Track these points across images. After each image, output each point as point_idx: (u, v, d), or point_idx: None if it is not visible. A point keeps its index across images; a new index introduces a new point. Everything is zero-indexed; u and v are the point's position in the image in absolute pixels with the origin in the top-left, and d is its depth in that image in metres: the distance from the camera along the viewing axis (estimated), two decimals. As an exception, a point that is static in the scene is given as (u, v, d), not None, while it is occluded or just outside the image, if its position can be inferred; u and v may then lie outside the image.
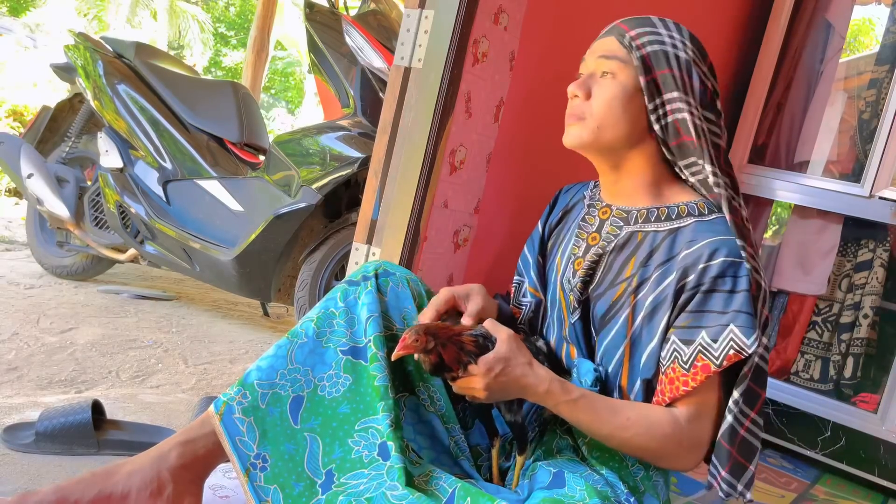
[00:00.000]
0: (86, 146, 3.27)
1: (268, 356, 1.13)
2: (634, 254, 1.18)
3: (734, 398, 1.07)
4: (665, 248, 1.14)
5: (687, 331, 1.09)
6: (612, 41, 1.17)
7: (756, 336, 1.04)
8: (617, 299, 1.17)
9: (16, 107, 6.90)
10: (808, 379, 2.51)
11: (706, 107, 1.15)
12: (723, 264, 1.08)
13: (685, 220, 1.15)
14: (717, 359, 1.06)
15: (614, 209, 1.23)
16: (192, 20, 15.70)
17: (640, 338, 1.14)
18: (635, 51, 1.14)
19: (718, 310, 1.07)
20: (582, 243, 1.25)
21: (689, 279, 1.09)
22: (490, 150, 1.66)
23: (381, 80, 2.54)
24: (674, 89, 1.13)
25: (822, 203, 2.47)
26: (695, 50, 1.17)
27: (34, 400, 1.80)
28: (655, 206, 1.18)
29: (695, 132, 1.13)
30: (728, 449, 1.08)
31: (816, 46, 2.61)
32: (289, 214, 2.52)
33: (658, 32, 1.16)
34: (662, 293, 1.12)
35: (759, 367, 1.09)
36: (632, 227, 1.19)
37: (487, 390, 1.04)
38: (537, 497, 1.00)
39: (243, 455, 1.06)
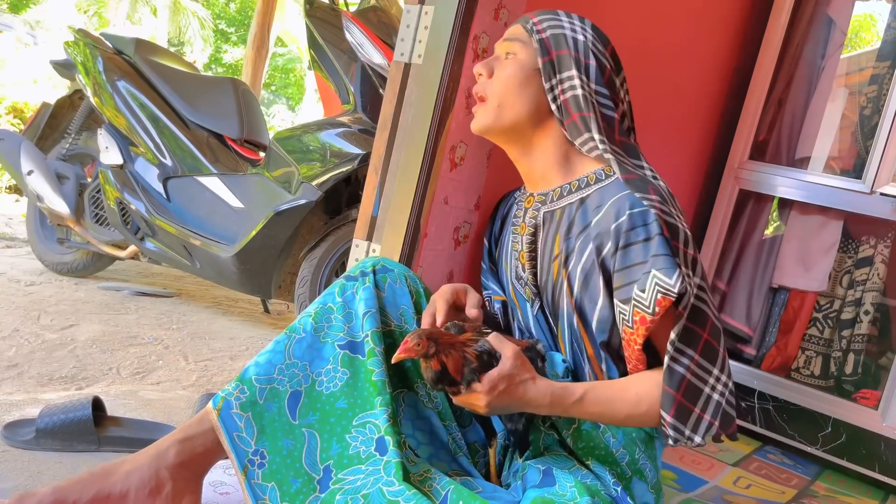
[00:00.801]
0: (86, 143, 3.27)
1: (266, 352, 1.13)
2: (557, 231, 1.21)
3: (670, 339, 1.07)
4: (579, 217, 1.18)
5: (622, 290, 1.10)
6: (518, 27, 1.25)
7: (678, 274, 1.04)
8: (556, 279, 1.20)
9: (16, 103, 6.90)
10: (809, 375, 2.51)
11: (600, 83, 1.20)
12: (630, 217, 1.09)
13: (591, 188, 1.19)
14: (649, 307, 1.06)
15: (535, 195, 1.27)
16: (192, 17, 15.69)
17: (584, 306, 1.16)
18: (535, 34, 1.21)
19: (640, 261, 1.08)
20: (518, 237, 1.29)
21: (608, 245, 1.11)
22: (490, 147, 1.65)
23: (381, 77, 2.54)
24: (568, 69, 1.19)
25: (823, 199, 2.46)
26: (595, 36, 1.23)
27: (34, 397, 1.80)
28: (567, 182, 1.22)
29: (585, 104, 1.17)
30: (670, 392, 1.07)
31: (817, 42, 2.60)
32: (289, 211, 2.52)
33: (560, 20, 1.23)
34: (588, 260, 1.14)
35: (696, 307, 1.08)
36: (548, 206, 1.23)
37: (489, 407, 1.04)
38: (529, 497, 1.00)
39: (241, 451, 1.06)
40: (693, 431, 1.08)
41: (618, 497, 1.10)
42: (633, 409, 1.09)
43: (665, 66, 2.14)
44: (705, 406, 1.08)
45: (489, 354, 1.05)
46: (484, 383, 1.02)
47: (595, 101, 1.19)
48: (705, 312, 1.09)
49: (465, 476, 1.11)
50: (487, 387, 1.02)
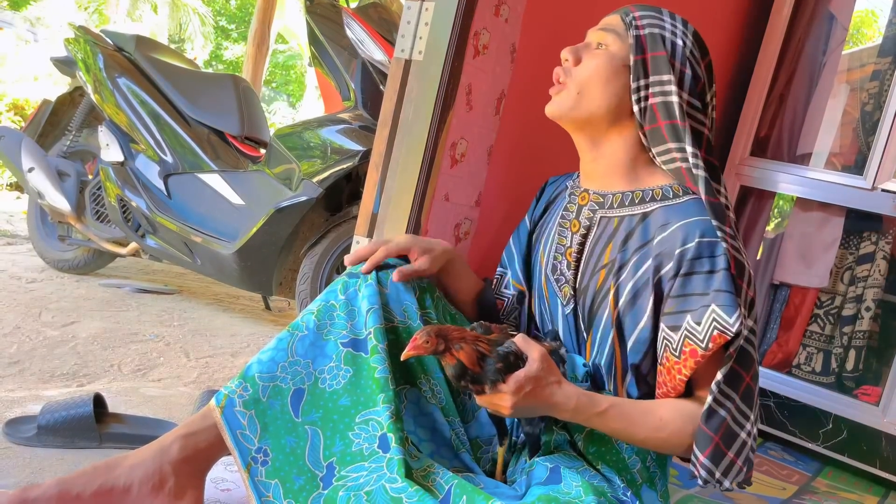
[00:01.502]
0: (86, 140, 3.27)
1: (269, 349, 1.13)
2: (612, 239, 1.18)
3: (716, 379, 1.05)
4: (640, 232, 1.14)
5: (673, 317, 1.08)
6: (616, 17, 1.19)
7: (738, 314, 1.02)
8: (600, 286, 1.17)
9: (16, 100, 6.90)
10: (810, 371, 2.51)
11: (693, 95, 1.15)
12: (698, 246, 1.07)
13: (656, 204, 1.15)
14: (703, 341, 1.05)
15: (591, 193, 1.23)
16: (192, 13, 15.67)
17: (625, 323, 1.14)
18: (633, 29, 1.16)
19: (699, 291, 1.06)
20: (567, 233, 1.25)
21: (667, 267, 1.09)
22: (491, 143, 1.65)
23: (381, 73, 2.54)
24: (663, 73, 1.14)
25: (825, 195, 2.46)
26: (695, 44, 1.17)
27: (36, 393, 1.81)
28: (630, 190, 1.19)
29: (679, 113, 1.12)
30: (709, 434, 1.05)
31: (819, 38, 2.60)
32: (290, 208, 2.52)
33: (662, 20, 1.17)
34: (643, 277, 1.12)
35: (744, 350, 1.06)
36: (606, 211, 1.20)
37: (514, 408, 1.03)
38: (533, 493, 1.00)
39: (244, 449, 1.06)
40: (724, 475, 1.06)
41: (626, 502, 1.09)
42: (652, 433, 1.08)
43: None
44: (739, 451, 1.07)
45: (515, 356, 1.04)
46: (510, 384, 1.01)
47: (688, 112, 1.14)
48: (752, 356, 1.08)
49: (468, 472, 1.11)
50: (514, 387, 1.01)
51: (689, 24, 1.20)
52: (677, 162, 1.14)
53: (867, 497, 2.11)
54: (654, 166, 1.19)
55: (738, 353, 1.06)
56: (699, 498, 1.76)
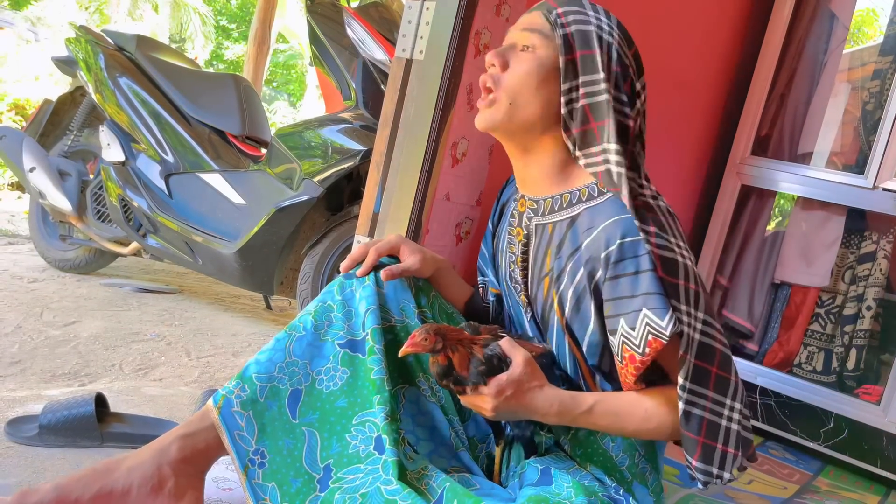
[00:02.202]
0: (88, 139, 3.27)
1: (266, 350, 1.13)
2: (549, 246, 1.16)
3: (679, 383, 1.03)
4: (570, 238, 1.12)
5: (611, 320, 1.07)
6: (538, 15, 1.14)
7: (671, 316, 0.99)
8: (546, 295, 1.17)
9: (18, 100, 6.90)
10: (811, 371, 2.51)
11: (621, 89, 1.11)
12: (620, 248, 1.04)
13: (582, 206, 1.12)
14: (639, 346, 1.02)
15: (527, 199, 1.21)
16: (193, 13, 15.66)
17: (575, 329, 1.13)
18: (559, 28, 1.11)
19: (628, 294, 1.03)
20: (514, 240, 1.25)
21: (599, 272, 1.06)
22: (492, 143, 1.65)
23: (382, 73, 2.54)
24: (593, 71, 1.09)
25: (826, 195, 2.46)
26: (621, 35, 1.13)
27: (38, 393, 1.81)
28: (559, 194, 1.16)
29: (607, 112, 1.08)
30: (692, 437, 1.04)
31: (820, 37, 2.59)
32: (291, 207, 2.52)
33: (586, 13, 1.13)
34: (579, 284, 1.10)
35: (702, 344, 1.03)
36: (541, 218, 1.18)
37: (495, 411, 1.03)
38: (524, 495, 1.00)
39: (242, 450, 1.06)
40: (721, 468, 1.05)
41: (619, 500, 1.09)
42: (641, 424, 1.07)
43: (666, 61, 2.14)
44: (727, 439, 1.05)
45: (499, 359, 1.04)
46: (491, 386, 1.01)
47: (615, 109, 1.09)
48: (712, 346, 1.05)
49: (465, 472, 1.11)
50: (494, 390, 1.01)
51: (611, 14, 1.16)
52: (601, 165, 1.09)
53: (868, 496, 2.10)
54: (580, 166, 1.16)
55: (698, 349, 1.03)
56: (700, 497, 1.76)
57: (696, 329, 1.03)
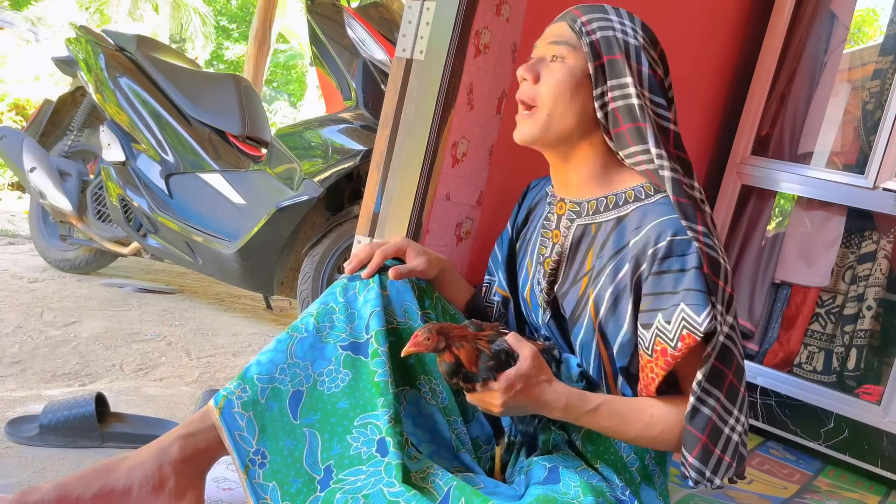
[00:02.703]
0: (88, 140, 3.27)
1: (268, 350, 1.13)
2: (591, 247, 1.17)
3: (697, 379, 1.04)
4: (615, 237, 1.13)
5: (646, 315, 1.08)
6: (564, 26, 1.17)
7: (708, 313, 1.01)
8: (582, 294, 1.17)
9: (18, 100, 6.90)
10: (812, 371, 2.51)
11: (654, 91, 1.14)
12: (670, 244, 1.05)
13: (629, 206, 1.14)
14: (672, 340, 1.04)
15: (567, 202, 1.22)
16: (193, 13, 15.67)
17: (608, 329, 1.14)
18: (585, 36, 1.13)
19: (670, 290, 1.05)
20: (548, 242, 1.25)
21: (643, 267, 1.08)
22: (492, 143, 1.65)
23: (382, 73, 2.54)
24: (620, 75, 1.12)
25: (826, 195, 2.46)
26: (645, 37, 1.16)
27: (38, 393, 1.81)
28: (604, 196, 1.18)
29: (641, 114, 1.10)
30: (695, 433, 1.05)
31: (820, 37, 2.59)
32: (291, 207, 2.52)
33: (609, 19, 1.15)
34: (621, 283, 1.11)
35: (725, 347, 1.05)
36: (584, 219, 1.19)
37: (504, 406, 1.03)
38: (532, 494, 1.00)
39: (242, 451, 1.06)
40: (713, 473, 1.06)
41: (625, 501, 1.09)
42: (643, 430, 1.08)
43: (667, 61, 2.14)
44: (725, 447, 1.06)
45: (507, 353, 1.04)
46: (501, 381, 1.01)
47: (651, 111, 1.12)
48: (732, 352, 1.07)
49: (467, 472, 1.11)
50: (504, 385, 1.01)
51: (634, 16, 1.18)
52: (643, 165, 1.12)
53: (869, 496, 2.10)
54: (625, 167, 1.18)
55: (720, 351, 1.05)
56: (700, 497, 1.76)
57: (723, 331, 1.05)
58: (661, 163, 1.09)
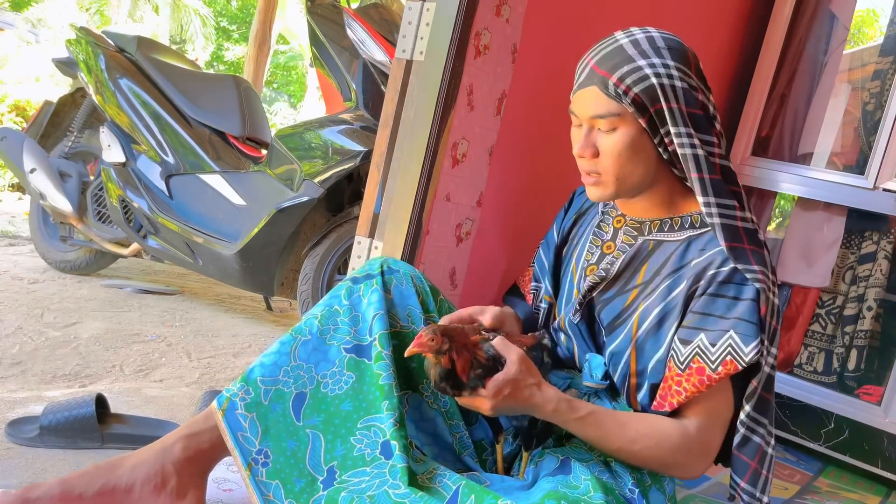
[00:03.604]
0: (88, 141, 3.27)
1: (271, 352, 1.13)
2: (646, 262, 1.19)
3: (746, 411, 1.09)
4: (677, 256, 1.16)
5: (687, 331, 1.10)
6: (597, 93, 1.12)
7: (756, 345, 1.05)
8: (627, 306, 1.19)
9: (18, 101, 6.90)
10: (812, 371, 2.51)
11: (701, 129, 1.12)
12: (731, 272, 1.09)
13: (695, 230, 1.16)
14: (713, 363, 1.06)
15: (628, 219, 1.25)
16: (193, 14, 15.68)
17: (645, 346, 1.15)
18: (624, 97, 1.10)
19: (720, 314, 1.08)
20: (596, 251, 1.27)
21: (699, 284, 1.11)
22: (492, 143, 1.65)
23: (382, 74, 2.54)
24: (665, 123, 1.11)
25: (826, 195, 2.46)
26: (678, 67, 1.12)
27: (38, 394, 1.81)
28: (669, 217, 1.20)
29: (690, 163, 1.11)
30: (746, 461, 1.10)
31: (820, 38, 2.59)
32: (291, 208, 2.53)
33: (638, 66, 1.10)
34: (672, 302, 1.13)
35: (770, 377, 1.11)
36: (645, 236, 1.21)
37: (493, 410, 1.04)
38: (542, 487, 1.00)
39: (245, 451, 1.06)
40: (762, 493, 1.12)
41: (633, 500, 1.09)
42: (626, 444, 1.09)
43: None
44: (770, 465, 1.13)
45: (494, 359, 1.05)
46: (489, 388, 1.02)
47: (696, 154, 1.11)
48: (773, 377, 1.13)
49: (471, 472, 1.11)
50: (492, 391, 1.02)
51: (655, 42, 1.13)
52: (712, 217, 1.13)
53: (869, 497, 2.10)
54: (689, 192, 1.19)
55: (766, 381, 1.10)
56: (701, 497, 1.76)
57: (767, 363, 1.09)
58: (710, 210, 1.11)
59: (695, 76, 1.14)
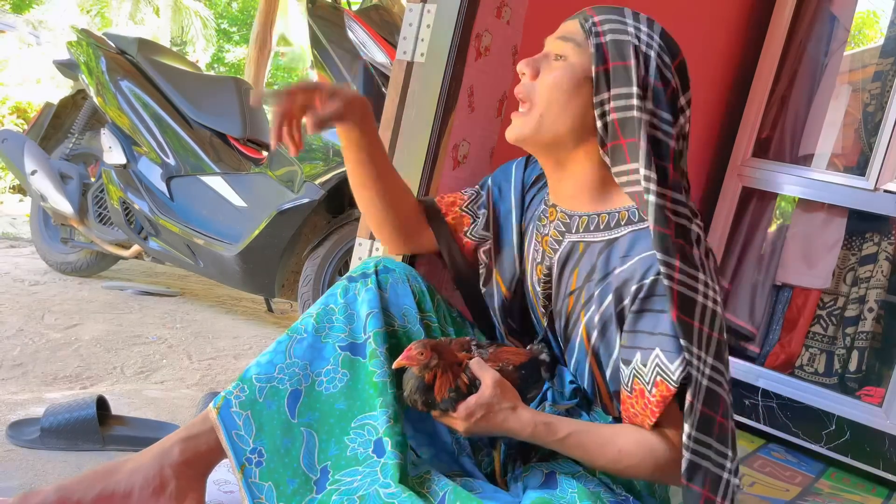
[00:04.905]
0: (89, 143, 3.28)
1: (267, 352, 1.13)
2: (577, 266, 1.12)
3: (686, 432, 0.97)
4: (602, 263, 1.08)
5: (626, 350, 1.04)
6: (575, 24, 1.09)
7: (680, 361, 0.97)
8: (570, 313, 1.13)
9: (19, 103, 6.92)
10: (813, 373, 2.51)
11: (660, 105, 1.04)
12: (653, 284, 1.00)
13: (621, 230, 1.07)
14: (648, 384, 1.01)
15: (559, 212, 1.16)
16: (194, 16, 15.68)
17: (600, 353, 1.10)
18: (594, 37, 1.06)
19: (648, 330, 1.01)
20: (539, 247, 1.20)
21: (625, 301, 1.04)
22: (493, 145, 1.65)
23: (383, 75, 2.54)
24: (625, 84, 1.04)
25: (827, 196, 2.46)
26: (662, 45, 1.06)
27: (39, 396, 1.81)
28: (596, 213, 1.11)
29: (639, 129, 1.02)
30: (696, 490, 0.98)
31: (821, 39, 2.59)
32: (292, 210, 2.53)
33: (624, 22, 1.07)
34: (608, 310, 1.06)
35: (710, 391, 0.99)
36: (573, 235, 1.13)
37: (467, 432, 1.03)
38: (529, 497, 0.99)
39: (239, 449, 1.06)
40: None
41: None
42: (610, 463, 1.05)
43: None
44: (725, 493, 1.00)
45: (469, 382, 1.04)
46: (460, 410, 1.01)
47: (649, 126, 1.03)
48: (718, 394, 1.00)
49: (467, 477, 1.10)
50: (464, 414, 1.01)
51: (654, 22, 1.10)
52: (632, 186, 1.04)
53: (871, 498, 2.10)
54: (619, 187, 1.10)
55: (705, 395, 0.98)
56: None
57: (704, 374, 0.99)
58: (648, 185, 1.01)
59: (673, 68, 1.08)
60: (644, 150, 1.02)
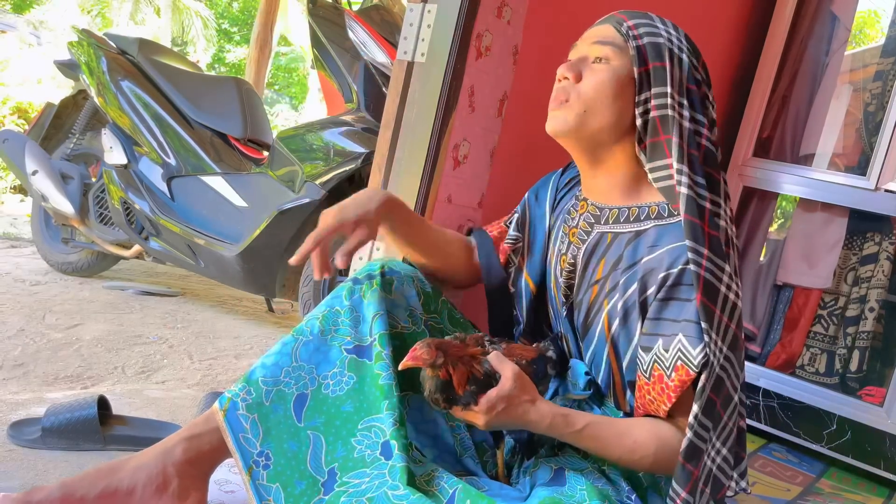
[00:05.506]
0: (90, 143, 3.28)
1: (272, 353, 1.12)
2: (604, 256, 1.16)
3: (693, 412, 1.02)
4: (629, 252, 1.12)
5: (647, 338, 1.07)
6: (609, 28, 1.14)
7: (702, 347, 1.01)
8: (592, 302, 1.16)
9: (20, 104, 6.92)
10: (814, 372, 2.51)
11: (695, 107, 1.11)
12: (681, 273, 1.05)
13: (649, 223, 1.12)
14: (668, 369, 1.04)
15: (590, 204, 1.20)
16: (195, 16, 15.70)
17: (619, 342, 1.13)
18: (632, 40, 1.11)
19: (672, 318, 1.05)
20: (565, 238, 1.24)
21: (650, 290, 1.07)
22: (494, 145, 1.65)
23: (384, 75, 2.54)
24: (663, 84, 1.10)
25: (828, 196, 2.45)
26: (690, 50, 1.15)
27: (40, 396, 1.81)
28: (627, 206, 1.15)
29: (674, 128, 1.08)
30: (689, 469, 1.02)
31: (821, 39, 2.59)
32: (293, 210, 2.53)
33: (656, 26, 1.13)
34: (631, 298, 1.10)
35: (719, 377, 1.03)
36: (602, 226, 1.17)
37: (487, 425, 1.04)
38: (537, 495, 1.00)
39: (246, 452, 1.06)
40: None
41: None
42: (626, 454, 1.07)
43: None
44: (707, 480, 1.05)
45: (488, 375, 1.04)
46: (482, 404, 1.01)
47: (686, 127, 1.09)
48: (724, 382, 1.05)
49: (471, 476, 1.11)
50: (485, 407, 1.01)
51: (678, 27, 1.17)
52: (665, 181, 1.10)
53: (872, 498, 2.10)
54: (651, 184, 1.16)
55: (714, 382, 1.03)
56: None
57: (718, 361, 1.03)
58: (681, 178, 1.06)
59: (700, 68, 1.16)
60: (676, 144, 1.08)
